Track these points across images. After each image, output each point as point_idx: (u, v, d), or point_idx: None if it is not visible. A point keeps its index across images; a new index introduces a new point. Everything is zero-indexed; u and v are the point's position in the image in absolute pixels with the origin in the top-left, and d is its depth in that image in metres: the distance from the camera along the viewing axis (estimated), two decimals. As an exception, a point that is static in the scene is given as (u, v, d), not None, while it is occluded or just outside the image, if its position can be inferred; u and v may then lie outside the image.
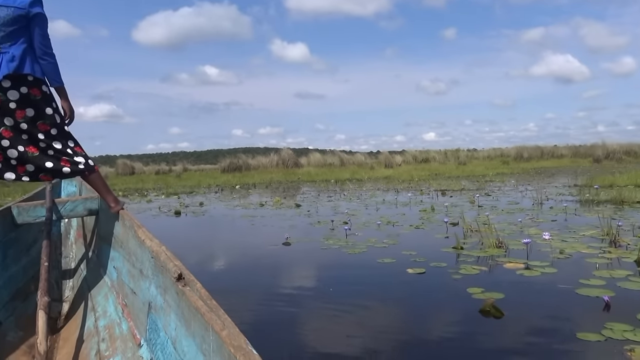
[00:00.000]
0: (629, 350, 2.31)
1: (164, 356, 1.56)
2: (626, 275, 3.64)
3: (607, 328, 2.58)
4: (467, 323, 2.82)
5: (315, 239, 5.94)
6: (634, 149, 31.04)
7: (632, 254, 4.28)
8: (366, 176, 22.42)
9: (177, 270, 1.52)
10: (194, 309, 1.32)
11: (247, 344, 1.08)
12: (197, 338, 1.30)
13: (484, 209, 8.40)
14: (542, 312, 2.95)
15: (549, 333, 2.61)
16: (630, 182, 11.43)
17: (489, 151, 36.87)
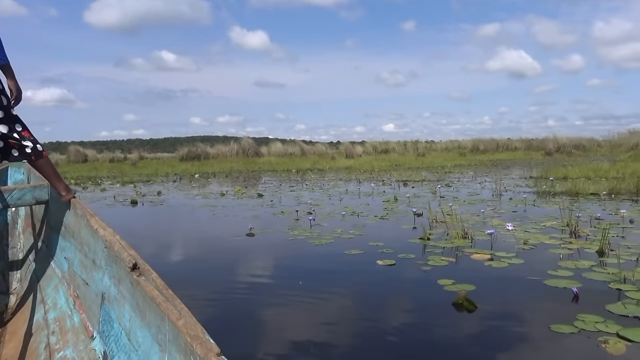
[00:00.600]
0: (603, 342, 2.30)
1: (118, 348, 1.53)
2: (590, 266, 3.69)
3: (579, 320, 2.58)
4: (441, 317, 2.77)
5: (280, 229, 5.80)
6: (582, 143, 32.37)
7: (592, 245, 4.37)
8: (327, 166, 22.39)
9: (132, 260, 1.47)
10: (149, 299, 1.29)
11: (204, 333, 1.06)
12: (152, 328, 1.28)
13: (446, 199, 8.47)
14: (515, 305, 2.93)
15: (523, 326, 2.59)
16: (582, 175, 11.84)
17: (447, 143, 37.63)
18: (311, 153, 31.07)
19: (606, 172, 12.22)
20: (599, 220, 5.73)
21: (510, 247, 4.41)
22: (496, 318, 2.71)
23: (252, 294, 3.32)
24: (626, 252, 4.03)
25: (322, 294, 3.30)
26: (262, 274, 3.93)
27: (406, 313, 2.86)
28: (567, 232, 5.09)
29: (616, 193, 8.51)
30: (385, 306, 2.99)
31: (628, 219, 5.70)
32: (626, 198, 8.00)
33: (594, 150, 31.08)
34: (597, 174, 12.00)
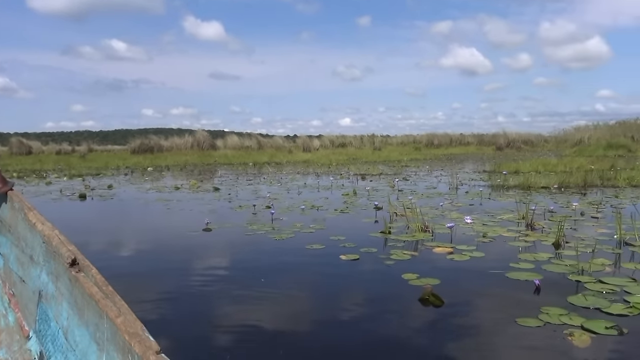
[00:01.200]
0: (568, 334, 2.31)
1: (55, 348, 1.49)
2: (548, 258, 3.75)
3: (544, 312, 2.58)
4: (408, 313, 2.71)
5: (238, 224, 5.63)
6: (530, 139, 33.65)
7: (549, 237, 4.46)
8: (285, 160, 22.23)
9: (71, 256, 1.42)
10: (87, 296, 1.27)
11: (143, 331, 1.05)
12: (90, 327, 1.26)
13: (405, 193, 8.53)
14: (480, 298, 2.92)
15: (490, 320, 2.57)
16: (533, 169, 12.24)
17: (402, 137, 38.25)
18: (268, 146, 30.81)
19: (554, 166, 12.68)
20: (552, 213, 5.88)
21: (470, 240, 4.43)
22: (463, 313, 2.68)
23: (209, 291, 3.16)
24: (580, 244, 4.12)
25: (285, 291, 3.18)
26: (220, 271, 3.77)
27: (373, 309, 2.79)
28: (523, 224, 5.19)
29: (565, 187, 8.82)
30: (352, 302, 2.91)
31: (579, 212, 5.89)
32: (575, 191, 8.30)
33: (541, 146, 32.36)
34: (546, 168, 12.44)
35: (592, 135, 26.86)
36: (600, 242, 4.17)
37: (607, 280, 3.10)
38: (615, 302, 2.72)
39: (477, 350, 2.23)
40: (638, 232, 4.32)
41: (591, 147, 22.43)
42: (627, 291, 2.90)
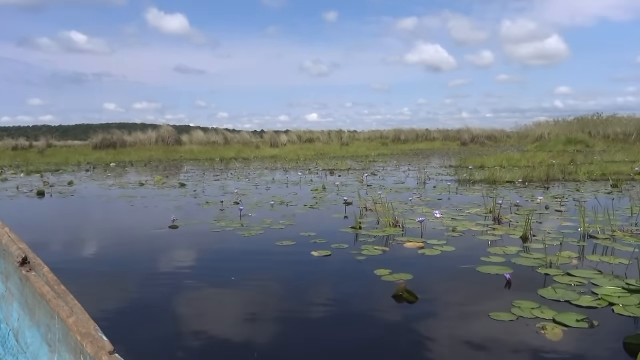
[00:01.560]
0: (541, 328, 2.32)
1: (5, 350, 1.45)
2: (517, 251, 3.79)
3: (516, 306, 2.59)
4: (382, 309, 2.67)
5: (206, 220, 5.49)
6: (494, 134, 34.42)
7: (516, 231, 4.52)
8: (252, 155, 22.00)
9: (21, 254, 1.37)
10: (38, 296, 1.25)
11: (96, 330, 1.04)
12: (41, 327, 1.24)
13: (373, 188, 8.54)
14: (453, 293, 2.91)
15: (464, 315, 2.56)
16: (497, 164, 12.49)
17: (369, 133, 38.53)
18: (235, 141, 30.45)
19: (518, 161, 12.99)
20: (518, 207, 5.99)
21: (440, 235, 4.45)
22: (437, 308, 2.66)
23: (176, 290, 3.05)
24: (547, 237, 4.19)
25: (256, 289, 3.10)
26: (188, 269, 3.64)
27: (347, 307, 2.74)
28: (491, 218, 5.25)
29: (529, 181, 9.02)
30: (325, 300, 2.85)
31: (544, 205, 6.01)
32: (538, 185, 8.50)
33: (504, 141, 33.14)
34: (510, 162, 12.72)
35: (551, 131, 27.66)
36: (565, 235, 4.25)
37: (574, 273, 3.15)
38: (583, 294, 2.76)
39: (452, 345, 2.21)
40: (600, 225, 4.43)
41: (551, 142, 23.11)
42: (594, 283, 2.95)
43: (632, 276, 3.04)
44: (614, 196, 6.76)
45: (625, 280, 2.96)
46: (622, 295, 2.71)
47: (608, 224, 4.43)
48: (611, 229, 4.36)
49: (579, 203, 6.19)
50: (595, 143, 22.38)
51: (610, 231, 4.32)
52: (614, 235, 4.21)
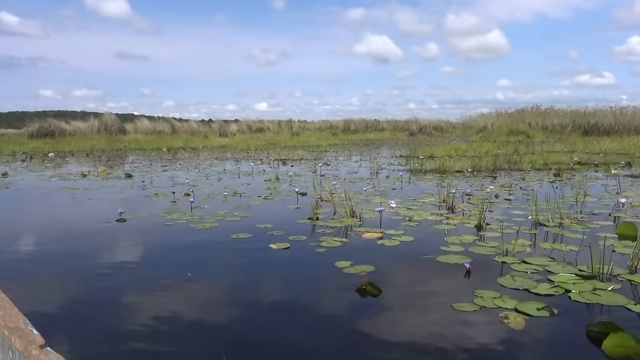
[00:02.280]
0: (504, 317, 2.34)
1: None
2: (473, 240, 3.85)
3: (478, 296, 2.61)
4: (347, 304, 2.61)
5: (156, 213, 5.25)
6: (440, 125, 35.31)
7: (470, 220, 4.60)
8: (201, 145, 21.45)
9: None
10: None
11: (26, 324, 1.02)
12: None
13: (327, 178, 8.50)
14: (415, 284, 2.90)
15: (428, 307, 2.54)
16: (446, 154, 12.78)
17: (320, 123, 38.55)
18: (183, 131, 29.63)
19: (465, 151, 13.35)
20: (470, 196, 6.12)
21: (398, 225, 4.46)
22: (401, 301, 2.63)
23: (127, 287, 2.87)
24: (500, 226, 4.29)
25: (215, 284, 2.97)
26: (140, 265, 3.44)
27: (311, 301, 2.66)
28: (445, 207, 5.33)
29: (478, 170, 9.27)
30: (288, 294, 2.76)
31: (494, 194, 6.17)
32: (486, 175, 8.75)
33: (449, 131, 34.06)
34: (458, 152, 13.05)
35: (494, 122, 28.67)
36: (517, 224, 4.37)
37: (529, 261, 3.22)
38: (540, 282, 2.82)
39: (419, 339, 2.18)
40: (549, 213, 4.58)
41: (495, 133, 23.96)
42: (549, 270, 3.02)
43: (583, 263, 3.14)
44: (558, 185, 7.05)
45: (578, 267, 3.05)
46: (577, 282, 2.78)
47: (556, 212, 4.59)
48: (559, 216, 4.52)
49: (526, 192, 6.41)
50: (535, 134, 23.40)
51: (558, 219, 4.47)
52: (562, 223, 4.37)
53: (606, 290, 2.65)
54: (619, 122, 23.10)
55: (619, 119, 23.35)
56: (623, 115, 23.78)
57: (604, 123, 23.49)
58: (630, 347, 2.00)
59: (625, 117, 23.47)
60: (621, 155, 11.83)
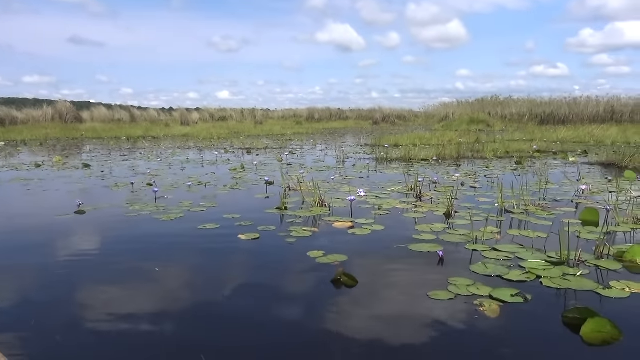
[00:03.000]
0: (479, 305, 2.34)
1: None
2: (443, 228, 3.86)
3: (452, 284, 2.60)
4: (322, 296, 2.55)
5: (117, 204, 5.05)
6: (403, 114, 35.66)
7: (439, 207, 4.62)
8: (162, 134, 20.89)
9: None
10: None
11: None
12: None
13: (294, 167, 8.41)
14: (390, 274, 2.87)
15: (404, 296, 2.52)
16: (410, 142, 12.88)
17: (283, 111, 38.27)
18: (142, 119, 28.81)
19: (429, 139, 13.50)
20: (436, 184, 6.17)
21: (367, 213, 4.43)
22: (377, 291, 2.59)
23: (89, 283, 2.72)
24: (467, 213, 4.33)
25: (184, 278, 2.85)
26: (102, 259, 3.27)
27: (285, 294, 2.59)
28: (413, 196, 5.34)
29: (442, 158, 9.38)
30: (261, 287, 2.67)
31: (460, 182, 6.25)
32: (451, 163, 8.86)
33: (412, 120, 34.45)
34: (422, 141, 13.19)
35: (455, 111, 29.21)
36: (484, 211, 4.42)
37: (499, 248, 3.26)
38: (512, 268, 2.85)
39: (397, 329, 2.15)
40: (514, 200, 4.66)
41: (456, 122, 24.37)
42: (519, 257, 3.06)
43: (551, 249, 3.19)
44: (520, 172, 7.21)
45: (547, 254, 3.09)
46: (547, 268, 2.82)
47: (521, 199, 4.67)
48: (524, 203, 4.60)
49: (491, 179, 6.52)
50: (495, 123, 23.95)
51: (524, 206, 4.55)
52: (528, 210, 4.45)
53: (575, 275, 2.70)
54: (572, 112, 23.93)
55: (573, 109, 24.19)
56: (577, 105, 24.63)
57: (559, 113, 24.29)
58: (607, 332, 2.03)
59: (578, 107, 24.32)
60: (577, 144, 12.25)
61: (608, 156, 8.36)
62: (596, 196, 5.19)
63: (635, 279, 2.65)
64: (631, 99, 23.79)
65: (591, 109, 23.73)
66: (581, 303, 2.32)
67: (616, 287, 2.53)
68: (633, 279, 2.67)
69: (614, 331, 2.03)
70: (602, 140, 12.65)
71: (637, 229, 3.76)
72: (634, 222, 3.90)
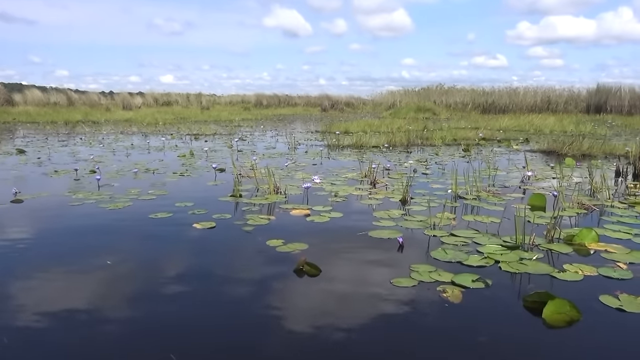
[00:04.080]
0: (442, 291, 2.35)
1: None
2: (401, 214, 3.88)
3: (414, 271, 2.61)
4: (285, 286, 2.48)
5: (58, 192, 4.74)
6: (351, 101, 35.86)
7: (394, 194, 4.65)
8: (103, 118, 19.93)
9: None
10: None
11: None
12: None
13: (245, 153, 8.25)
14: (352, 262, 2.84)
15: (368, 284, 2.49)
16: (360, 129, 12.97)
17: (231, 97, 37.55)
18: (81, 103, 27.40)
19: (378, 127, 13.63)
20: (389, 171, 6.21)
21: (324, 200, 4.39)
22: (340, 280, 2.55)
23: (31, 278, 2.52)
24: (423, 199, 4.38)
25: (138, 271, 2.69)
26: (43, 250, 3.03)
27: (247, 285, 2.49)
28: (367, 182, 5.35)
29: (393, 145, 9.49)
30: (221, 278, 2.57)
31: (412, 169, 6.32)
32: (401, 150, 8.98)
33: (360, 108, 34.71)
34: (372, 128, 13.30)
35: (402, 100, 29.67)
36: (438, 197, 4.49)
37: (457, 233, 3.30)
38: (471, 253, 2.89)
39: (363, 318, 2.12)
40: (466, 187, 4.76)
41: (403, 110, 24.78)
42: (476, 242, 3.11)
43: (505, 234, 3.27)
44: (468, 159, 7.40)
45: (502, 238, 3.17)
46: (504, 253, 2.89)
47: (472, 186, 4.77)
48: (476, 189, 4.71)
49: (441, 166, 6.65)
50: (441, 111, 24.55)
51: (475, 192, 4.66)
52: (480, 196, 4.56)
53: (531, 259, 2.77)
54: (513, 102, 24.93)
55: (513, 99, 25.20)
56: (516, 95, 25.68)
57: (500, 102, 25.24)
58: (566, 312, 2.09)
59: (518, 96, 25.37)
60: (519, 132, 12.76)
61: (548, 144, 8.74)
62: (542, 182, 5.41)
63: (586, 262, 2.76)
64: (565, 90, 25.11)
65: (529, 99, 24.82)
66: (539, 287, 2.38)
67: (570, 270, 2.62)
68: (584, 261, 2.77)
69: (573, 312, 2.09)
70: (542, 129, 13.24)
71: (581, 213, 3.93)
72: (578, 207, 4.08)
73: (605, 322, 2.10)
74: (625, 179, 5.62)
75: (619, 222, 3.64)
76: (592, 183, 4.62)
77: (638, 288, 2.40)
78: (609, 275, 2.56)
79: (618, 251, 2.94)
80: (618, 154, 7.73)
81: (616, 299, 2.27)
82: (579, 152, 7.98)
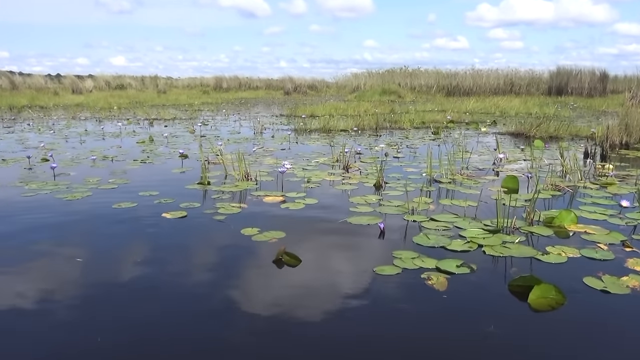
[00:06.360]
0: (427, 279, 2.26)
1: None
2: (377, 200, 3.78)
3: (397, 258, 2.51)
4: (264, 277, 2.34)
5: (9, 183, 4.40)
6: (315, 84, 35.54)
7: (368, 179, 4.54)
8: (51, 103, 18.95)
9: None
10: None
11: None
12: None
13: (209, 139, 7.96)
14: (333, 250, 2.72)
15: (350, 273, 2.38)
16: (326, 113, 12.81)
17: (188, 80, 36.59)
18: (26, 87, 26.05)
19: (345, 110, 13.50)
20: (360, 155, 6.11)
21: (297, 187, 4.24)
22: (321, 269, 2.43)
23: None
24: (397, 184, 4.31)
25: (112, 267, 2.48)
26: None
27: (224, 277, 2.33)
28: (340, 167, 5.23)
29: (362, 129, 9.39)
30: (197, 271, 2.39)
31: (383, 153, 6.24)
32: (371, 133, 8.89)
33: (324, 91, 34.49)
34: (338, 111, 13.17)
35: (367, 82, 29.58)
36: (413, 181, 4.41)
37: (437, 218, 3.23)
38: (453, 238, 2.82)
39: (348, 309, 2.01)
40: (440, 170, 4.71)
41: (368, 92, 24.74)
42: (457, 226, 3.05)
43: (484, 217, 3.22)
44: (438, 142, 7.38)
45: (482, 222, 3.12)
46: (486, 237, 2.83)
47: (447, 169, 4.72)
48: (451, 173, 4.66)
49: (412, 149, 6.60)
50: (406, 94, 24.64)
51: (450, 175, 4.61)
52: (455, 179, 4.51)
53: (514, 243, 2.72)
54: (476, 84, 25.26)
55: (477, 81, 25.53)
56: (480, 77, 26.01)
57: (464, 84, 25.51)
58: (552, 297, 2.05)
59: (481, 79, 25.71)
60: (485, 115, 12.89)
61: (516, 126, 8.83)
62: (513, 164, 5.43)
63: (568, 244, 2.74)
64: (527, 73, 25.64)
65: (493, 81, 25.21)
66: (524, 270, 2.33)
67: (553, 253, 2.59)
68: (565, 243, 2.75)
69: (558, 296, 2.06)
70: (507, 111, 13.43)
71: (556, 195, 3.94)
72: (552, 189, 4.09)
73: (590, 303, 2.07)
74: (594, 160, 5.72)
75: (594, 203, 3.66)
76: (564, 164, 4.65)
77: (620, 269, 2.39)
78: (592, 257, 2.54)
79: (597, 232, 2.94)
80: (584, 135, 7.88)
81: (600, 280, 2.25)
82: (546, 134, 8.09)
